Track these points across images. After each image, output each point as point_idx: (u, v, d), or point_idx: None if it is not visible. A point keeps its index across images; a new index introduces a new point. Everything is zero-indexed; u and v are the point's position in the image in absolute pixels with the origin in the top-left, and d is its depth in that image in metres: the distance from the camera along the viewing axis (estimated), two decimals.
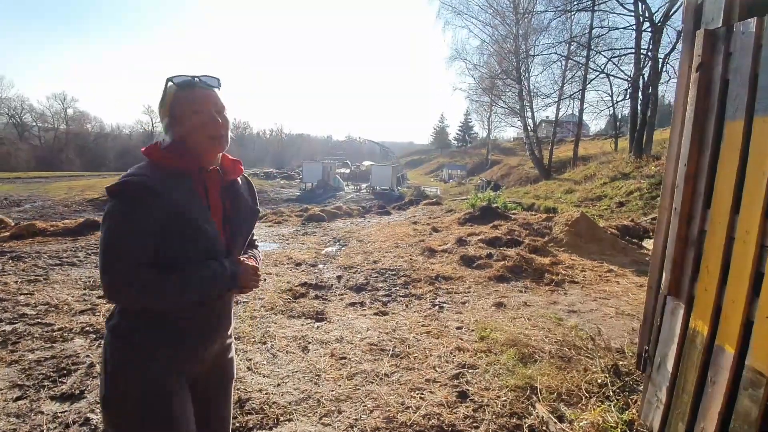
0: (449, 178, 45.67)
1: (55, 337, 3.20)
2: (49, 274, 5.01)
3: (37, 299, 4.07)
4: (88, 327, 3.40)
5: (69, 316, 3.67)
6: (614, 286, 4.97)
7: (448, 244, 6.95)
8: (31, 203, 21.60)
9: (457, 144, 69.76)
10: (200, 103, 1.14)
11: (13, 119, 56.21)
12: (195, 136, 1.14)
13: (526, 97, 23.66)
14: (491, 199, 11.80)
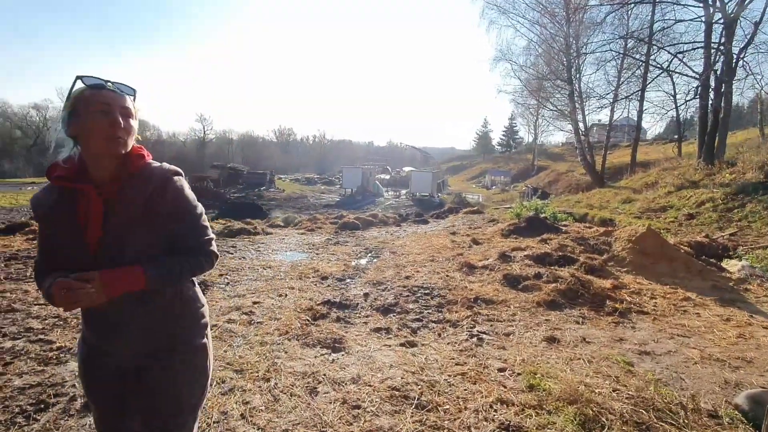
0: (492, 185, 44.13)
1: (50, 359, 2.94)
2: None
3: (50, 311, 3.90)
4: None
5: (73, 332, 3.43)
6: (694, 319, 4.10)
7: (490, 259, 6.27)
8: None
9: (501, 149, 67.62)
10: (107, 102, 1.15)
11: None
12: (93, 135, 1.14)
13: (577, 99, 22.19)
14: (539, 209, 10.88)
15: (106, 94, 1.16)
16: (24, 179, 37.38)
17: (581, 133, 22.72)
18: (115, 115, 1.15)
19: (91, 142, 1.15)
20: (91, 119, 1.13)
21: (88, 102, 1.15)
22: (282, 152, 78.00)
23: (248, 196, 27.75)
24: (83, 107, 1.15)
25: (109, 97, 1.16)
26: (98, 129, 1.14)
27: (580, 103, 22.24)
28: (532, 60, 24.37)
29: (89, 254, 1.16)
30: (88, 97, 1.15)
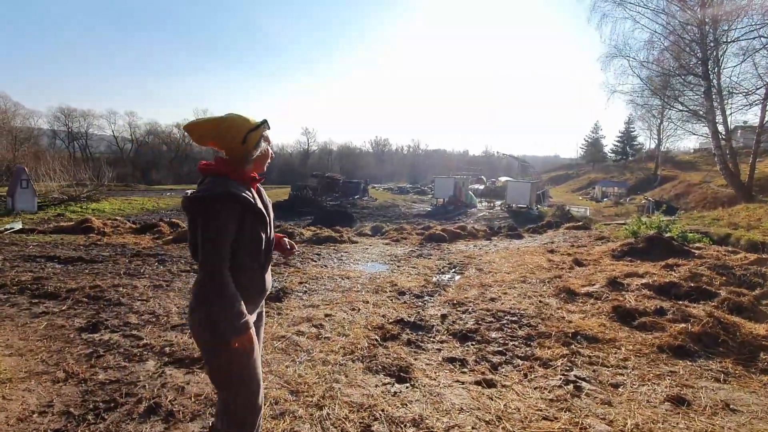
0: (603, 197, 39.69)
1: (134, 355, 3.12)
2: (173, 281, 5.37)
3: (148, 307, 4.26)
4: (167, 347, 3.27)
5: (160, 331, 3.65)
6: None
7: (596, 285, 5.34)
8: None
9: (615, 157, 60.54)
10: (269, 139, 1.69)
11: None
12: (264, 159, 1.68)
13: (716, 96, 18.67)
14: (662, 226, 9.20)
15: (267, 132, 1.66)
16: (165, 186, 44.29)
17: (721, 137, 19.05)
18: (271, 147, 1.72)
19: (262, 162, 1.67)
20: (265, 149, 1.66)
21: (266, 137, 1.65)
22: (377, 162, 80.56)
23: (343, 204, 28.98)
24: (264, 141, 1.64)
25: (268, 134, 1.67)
26: (268, 155, 1.68)
27: (719, 102, 18.69)
28: (656, 54, 21.24)
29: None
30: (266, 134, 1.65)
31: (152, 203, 25.60)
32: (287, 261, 6.17)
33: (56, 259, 6.48)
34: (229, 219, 1.42)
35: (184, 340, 3.42)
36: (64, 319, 3.79)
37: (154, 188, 40.29)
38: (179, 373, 2.85)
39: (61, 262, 6.36)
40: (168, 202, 27.12)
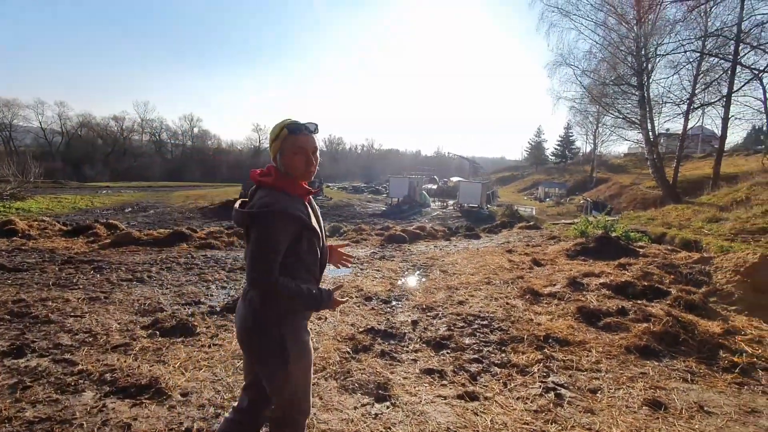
0: (546, 197, 41.89)
1: (67, 385, 2.65)
2: (113, 292, 4.78)
3: (83, 324, 3.71)
4: (108, 373, 2.82)
5: (99, 353, 3.16)
6: None
7: (557, 285, 5.46)
8: (155, 209, 24.40)
9: (555, 160, 64.24)
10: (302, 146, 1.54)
11: (153, 137, 66.19)
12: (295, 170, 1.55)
13: (647, 105, 20.27)
14: (607, 226, 9.73)
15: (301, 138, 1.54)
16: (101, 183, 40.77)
17: (652, 143, 20.73)
18: (308, 153, 1.55)
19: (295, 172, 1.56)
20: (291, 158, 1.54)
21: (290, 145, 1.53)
22: (331, 161, 79.53)
23: None
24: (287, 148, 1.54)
25: (303, 141, 1.54)
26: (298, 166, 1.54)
27: (649, 110, 20.31)
28: (596, 64, 22.71)
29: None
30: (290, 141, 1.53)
31: (86, 202, 23.37)
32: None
33: None
34: (280, 235, 1.44)
35: (129, 364, 2.98)
36: None
37: (87, 185, 36.88)
38: (123, 406, 2.44)
39: None
40: (104, 201, 24.94)
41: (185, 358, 3.13)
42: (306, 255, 1.53)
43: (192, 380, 2.80)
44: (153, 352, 3.23)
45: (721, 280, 5.01)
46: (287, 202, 1.47)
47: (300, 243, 1.49)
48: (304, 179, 1.58)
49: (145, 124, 64.10)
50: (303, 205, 1.55)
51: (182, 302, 4.56)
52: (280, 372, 1.52)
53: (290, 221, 1.45)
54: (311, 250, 1.54)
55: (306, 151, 1.54)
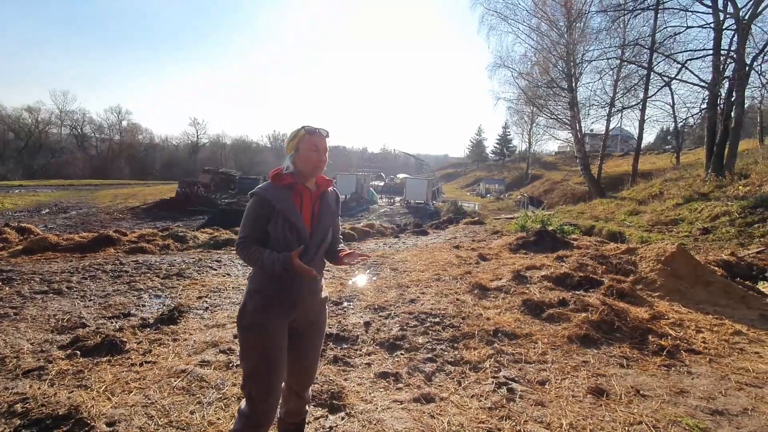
0: (486, 193, 43.80)
1: None
2: (25, 307, 4.19)
3: None
4: (19, 403, 2.42)
5: (7, 380, 2.73)
6: (755, 360, 3.50)
7: (503, 279, 5.65)
8: (77, 210, 22.08)
9: (495, 157, 67.46)
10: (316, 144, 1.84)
11: (74, 130, 59.91)
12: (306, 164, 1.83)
13: (576, 107, 21.84)
14: (545, 220, 10.33)
15: (317, 138, 1.84)
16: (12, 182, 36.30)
17: (580, 142, 22.36)
18: (321, 153, 1.85)
19: (306, 168, 1.84)
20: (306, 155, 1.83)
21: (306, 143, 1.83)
22: (276, 157, 77.08)
23: (240, 203, 26.92)
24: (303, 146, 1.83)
25: (318, 141, 1.84)
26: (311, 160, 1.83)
27: (577, 112, 21.90)
28: (530, 67, 24.05)
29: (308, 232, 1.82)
30: (307, 140, 1.83)
31: None
32: None
33: None
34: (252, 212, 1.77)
35: (43, 391, 2.59)
36: None
37: None
38: None
39: None
40: (17, 202, 22.21)
41: (112, 381, 2.78)
42: (277, 233, 1.75)
43: (120, 406, 2.48)
44: (73, 375, 2.84)
45: (645, 268, 5.46)
46: (267, 188, 1.78)
47: (271, 223, 1.75)
48: (315, 174, 1.85)
49: (65, 116, 57.87)
50: (286, 193, 1.79)
51: (109, 315, 4.10)
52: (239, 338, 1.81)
53: (259, 203, 1.75)
54: (282, 230, 1.74)
55: (318, 149, 1.82)
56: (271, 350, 1.76)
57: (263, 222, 1.76)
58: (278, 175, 1.84)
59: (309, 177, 1.87)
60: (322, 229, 1.88)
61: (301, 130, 1.84)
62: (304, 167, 1.83)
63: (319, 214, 1.89)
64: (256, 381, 1.76)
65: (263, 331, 1.76)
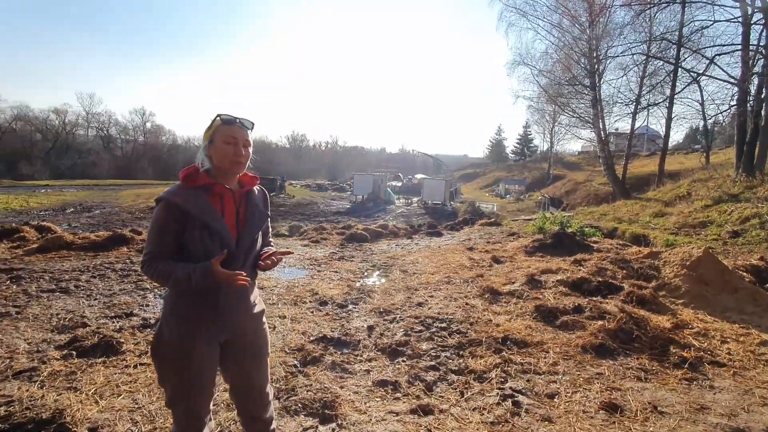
0: (506, 194, 43.05)
1: None
2: (29, 306, 4.22)
3: None
4: (2, 407, 2.38)
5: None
6: None
7: (516, 283, 5.41)
8: (101, 209, 22.75)
9: (515, 157, 66.35)
10: (234, 136, 1.57)
11: (100, 132, 61.98)
12: (222, 158, 1.56)
13: (599, 105, 21.15)
14: (564, 222, 9.97)
15: (234, 128, 1.59)
16: (39, 182, 37.69)
17: (604, 141, 21.66)
18: (239, 145, 1.58)
19: (222, 162, 1.57)
20: (222, 147, 1.56)
21: (221, 134, 1.57)
22: (294, 158, 77.96)
23: None
24: (218, 138, 1.57)
25: (236, 131, 1.58)
26: (227, 154, 1.56)
27: (600, 110, 21.20)
28: (551, 64, 23.44)
29: (233, 238, 1.58)
30: (221, 131, 1.57)
31: (20, 202, 21.40)
32: None
33: None
34: (160, 221, 1.49)
35: (31, 393, 2.55)
36: None
37: (23, 184, 33.91)
38: None
39: None
40: (42, 201, 22.95)
41: (103, 383, 2.73)
42: (195, 244, 1.50)
43: (106, 410, 2.42)
44: (65, 377, 2.81)
45: (669, 274, 5.14)
46: (176, 192, 1.50)
47: (187, 232, 1.50)
48: (232, 170, 1.59)
49: (91, 117, 59.90)
50: (202, 196, 1.53)
51: (111, 315, 4.09)
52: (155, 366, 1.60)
53: (168, 210, 1.48)
54: (201, 239, 1.50)
55: (237, 142, 1.56)
56: (195, 380, 1.56)
57: (174, 233, 1.49)
58: (190, 174, 1.55)
59: (229, 175, 1.61)
60: (250, 234, 1.63)
61: (217, 118, 1.58)
62: (221, 163, 1.56)
63: (246, 217, 1.64)
64: (180, 405, 1.59)
65: (184, 361, 1.53)
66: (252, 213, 1.65)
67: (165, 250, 1.49)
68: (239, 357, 1.67)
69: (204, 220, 1.49)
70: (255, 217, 1.66)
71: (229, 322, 1.61)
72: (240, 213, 1.62)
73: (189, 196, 1.50)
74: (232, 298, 1.60)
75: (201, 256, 1.50)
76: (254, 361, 1.71)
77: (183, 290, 1.51)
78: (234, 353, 1.66)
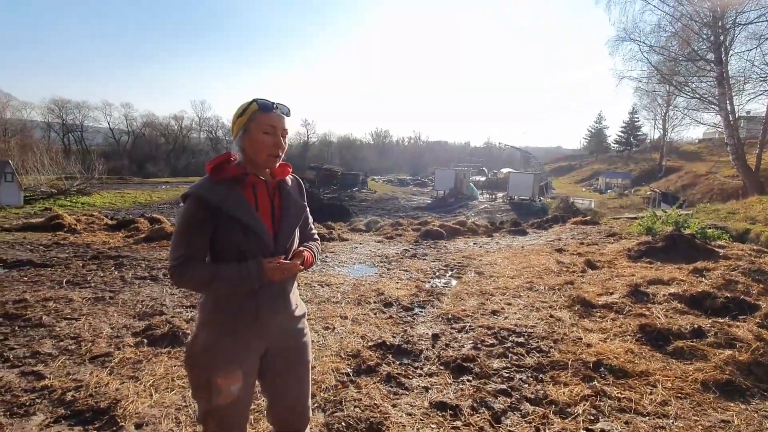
0: (607, 188, 38.83)
1: (21, 405, 2.37)
2: (122, 291, 4.63)
3: (74, 328, 3.51)
4: (71, 391, 2.51)
5: (74, 365, 2.90)
6: None
7: (615, 294, 4.58)
8: None
9: (619, 148, 59.46)
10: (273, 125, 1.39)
11: (210, 134, 69.75)
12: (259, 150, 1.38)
13: (726, 83, 17.70)
14: (679, 221, 8.41)
15: (273, 116, 1.40)
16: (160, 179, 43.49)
17: (732, 126, 18.14)
18: (278, 135, 1.40)
19: (257, 154, 1.39)
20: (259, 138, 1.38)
21: (258, 123, 1.37)
22: (378, 154, 79.61)
23: (341, 197, 28.21)
24: (254, 126, 1.38)
25: (275, 120, 1.40)
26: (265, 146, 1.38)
27: (728, 89, 17.73)
28: (665, 39, 20.22)
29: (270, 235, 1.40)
30: (259, 119, 1.38)
31: (145, 197, 24.86)
32: None
33: (2, 263, 5.74)
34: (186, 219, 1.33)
35: (100, 379, 2.67)
36: None
37: (149, 181, 39.54)
38: None
39: (6, 266, 5.62)
40: (162, 196, 26.38)
41: (162, 375, 2.77)
42: (228, 244, 1.35)
43: (156, 405, 2.42)
44: (132, 365, 2.92)
45: None
46: (204, 185, 1.34)
47: (218, 230, 1.34)
48: (268, 165, 1.42)
49: (203, 122, 67.67)
50: (233, 188, 1.35)
51: (187, 305, 4.29)
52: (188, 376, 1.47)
53: (197, 206, 1.31)
54: (235, 237, 1.34)
55: (276, 131, 1.39)
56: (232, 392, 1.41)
57: (205, 232, 1.33)
58: (219, 165, 1.38)
59: (261, 167, 1.43)
60: (288, 229, 1.47)
61: (253, 104, 1.39)
62: (256, 156, 1.39)
63: (282, 208, 1.47)
64: (213, 422, 1.43)
65: (220, 374, 1.37)
66: (288, 205, 1.49)
67: (198, 252, 1.33)
68: (279, 366, 1.50)
69: (238, 216, 1.33)
70: (291, 209, 1.49)
71: (270, 328, 1.45)
72: (275, 206, 1.46)
73: (219, 190, 1.33)
74: (272, 302, 1.43)
75: (234, 257, 1.34)
76: (295, 369, 1.54)
77: (224, 295, 1.37)
78: (273, 362, 1.49)
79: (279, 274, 1.36)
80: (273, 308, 1.44)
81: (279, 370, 1.50)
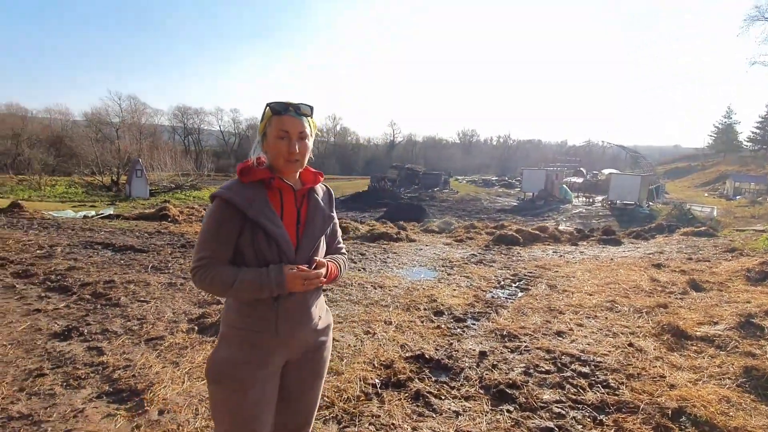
0: (736, 194, 32.91)
1: (75, 379, 2.62)
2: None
3: (143, 310, 3.87)
4: (119, 370, 2.74)
5: (131, 344, 3.17)
6: None
7: (720, 325, 3.71)
8: None
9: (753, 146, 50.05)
10: (286, 129, 1.32)
11: None
12: (276, 156, 1.34)
13: None
14: None
15: (286, 119, 1.32)
16: None
17: None
18: (293, 139, 1.33)
19: (275, 160, 1.35)
20: (274, 143, 1.33)
21: (273, 127, 1.33)
22: (463, 153, 77.79)
23: (421, 197, 28.06)
24: (270, 131, 1.34)
25: (288, 123, 1.32)
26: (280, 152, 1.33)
27: None
28: None
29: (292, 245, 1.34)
30: (274, 123, 1.33)
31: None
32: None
33: (112, 246, 6.67)
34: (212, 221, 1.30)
35: (146, 361, 2.88)
36: (50, 320, 3.53)
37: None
38: (97, 415, 2.26)
39: (115, 250, 6.52)
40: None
41: (199, 363, 2.89)
42: (249, 249, 1.30)
43: (183, 393, 2.51)
44: (178, 350, 3.10)
45: None
46: (232, 187, 1.31)
47: (242, 235, 1.30)
48: (287, 170, 1.36)
49: None
50: (260, 192, 1.32)
51: None
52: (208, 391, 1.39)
53: (224, 209, 1.28)
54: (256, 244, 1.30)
55: (289, 136, 1.32)
56: (252, 410, 1.31)
57: (230, 234, 1.28)
58: (248, 168, 1.35)
59: (286, 173, 1.37)
60: (311, 240, 1.38)
61: (266, 108, 1.34)
62: (274, 161, 1.34)
63: (307, 218, 1.40)
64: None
65: (241, 387, 1.30)
66: (313, 215, 1.43)
67: (222, 254, 1.29)
68: (292, 379, 1.45)
69: (261, 222, 1.29)
70: (317, 220, 1.43)
71: (291, 343, 1.39)
72: (301, 214, 1.40)
73: (247, 194, 1.30)
74: (292, 316, 1.36)
75: (255, 264, 1.31)
76: (307, 383, 1.48)
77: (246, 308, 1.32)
78: (288, 374, 1.44)
79: (300, 285, 1.29)
80: (293, 323, 1.37)
81: (291, 383, 1.45)
